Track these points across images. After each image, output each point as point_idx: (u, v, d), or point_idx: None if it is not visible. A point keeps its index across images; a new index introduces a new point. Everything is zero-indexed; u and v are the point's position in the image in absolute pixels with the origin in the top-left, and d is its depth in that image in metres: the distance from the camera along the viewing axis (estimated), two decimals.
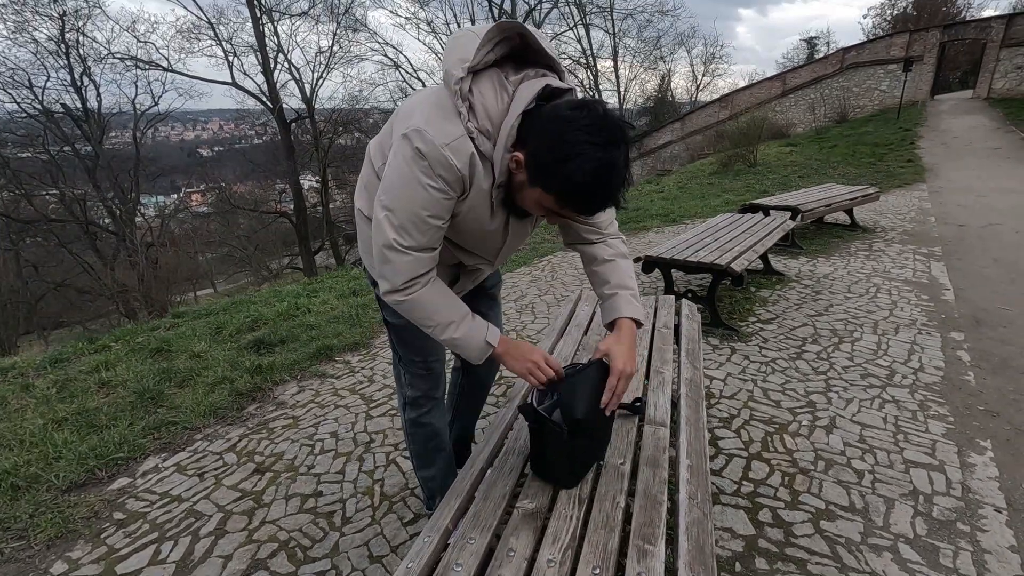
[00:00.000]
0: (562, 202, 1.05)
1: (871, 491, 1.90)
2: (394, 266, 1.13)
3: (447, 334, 1.20)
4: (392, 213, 1.09)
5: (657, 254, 3.50)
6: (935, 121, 15.70)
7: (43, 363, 3.41)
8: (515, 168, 1.07)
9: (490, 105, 1.05)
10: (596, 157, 0.97)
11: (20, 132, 19.26)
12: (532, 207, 1.13)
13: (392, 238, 1.10)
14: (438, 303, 1.20)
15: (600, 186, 1.00)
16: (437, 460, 1.60)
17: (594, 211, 1.08)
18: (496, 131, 1.06)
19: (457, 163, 1.03)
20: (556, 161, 0.99)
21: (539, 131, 1.02)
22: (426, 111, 1.06)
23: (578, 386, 1.24)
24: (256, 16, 19.05)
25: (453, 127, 1.04)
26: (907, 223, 6.01)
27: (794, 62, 35.65)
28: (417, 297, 1.17)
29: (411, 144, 1.03)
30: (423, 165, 1.03)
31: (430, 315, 1.20)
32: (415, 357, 1.48)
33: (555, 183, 1.02)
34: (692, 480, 1.29)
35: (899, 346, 3.03)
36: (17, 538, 1.80)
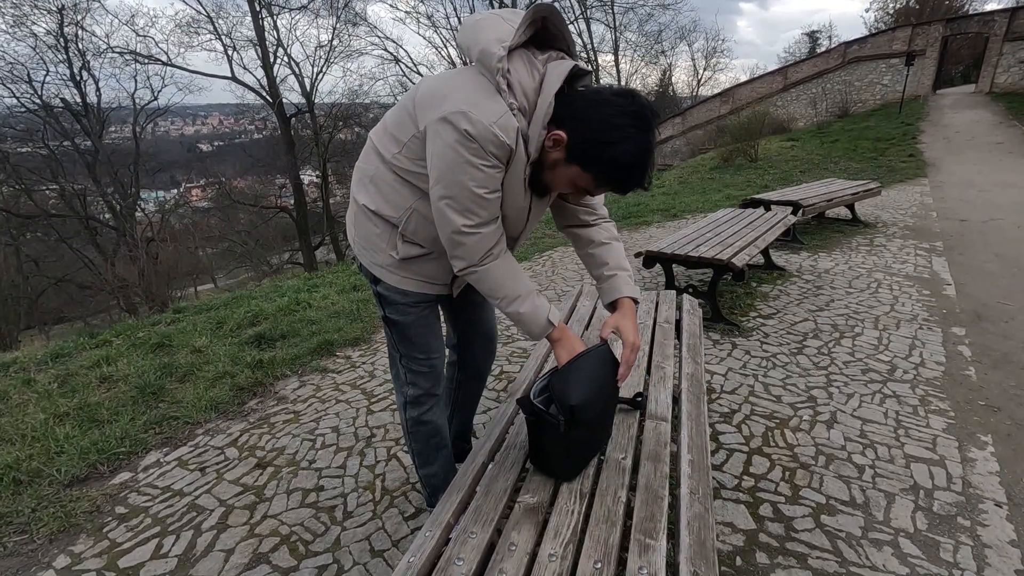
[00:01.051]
0: (601, 181, 1.13)
1: (872, 486, 1.90)
2: (467, 247, 1.17)
3: (513, 307, 1.23)
4: (452, 200, 1.12)
5: (658, 249, 3.49)
6: (937, 116, 15.64)
7: (44, 358, 3.41)
8: (551, 146, 1.11)
9: (525, 82, 1.09)
10: (639, 140, 1.06)
11: (19, 127, 19.20)
12: (562, 184, 1.18)
13: (460, 224, 1.14)
14: (508, 276, 1.24)
15: (640, 168, 1.09)
16: (439, 457, 1.59)
17: (629, 190, 1.15)
18: (531, 108, 1.09)
19: (507, 139, 1.06)
20: (604, 143, 1.06)
21: (583, 112, 1.08)
22: (465, 92, 1.08)
23: (571, 374, 1.24)
24: (255, 10, 18.97)
25: (497, 105, 1.06)
26: (909, 218, 6.00)
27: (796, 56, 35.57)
28: (490, 268, 1.21)
29: (456, 127, 1.05)
30: (473, 147, 1.05)
31: (500, 287, 1.23)
32: (418, 355, 1.47)
33: (599, 163, 1.09)
34: (693, 475, 1.29)
35: (900, 341, 3.03)
36: (19, 532, 1.80)
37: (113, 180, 19.87)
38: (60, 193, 19.25)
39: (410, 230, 1.27)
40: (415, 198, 1.23)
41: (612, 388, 1.33)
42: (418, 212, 1.24)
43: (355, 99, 23.09)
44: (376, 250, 1.32)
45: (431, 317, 1.46)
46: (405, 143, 1.19)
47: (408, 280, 1.35)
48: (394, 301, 1.38)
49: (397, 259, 1.31)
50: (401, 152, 1.20)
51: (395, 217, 1.26)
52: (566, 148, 1.10)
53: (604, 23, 25.45)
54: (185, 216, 24.79)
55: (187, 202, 25.71)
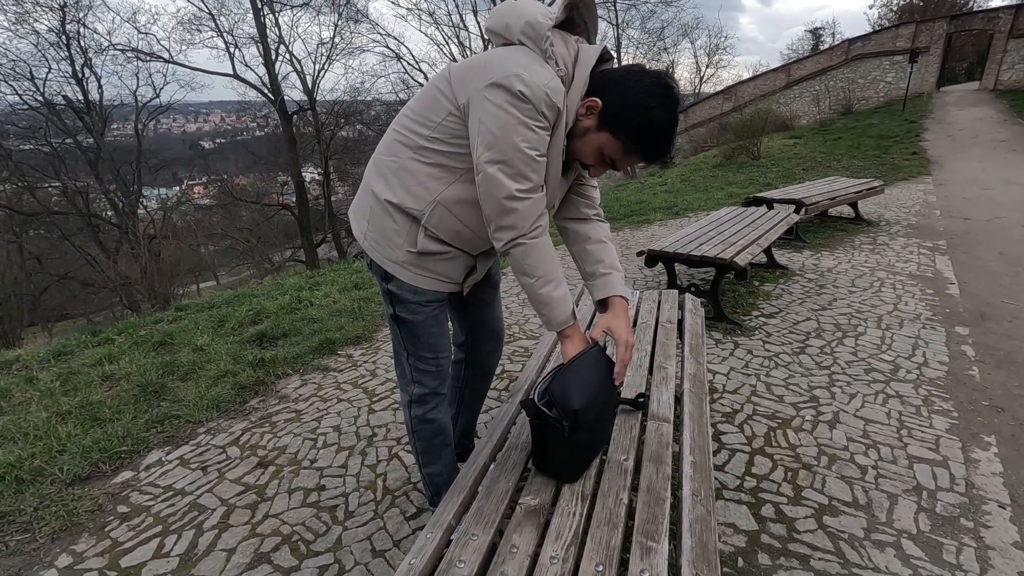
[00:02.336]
0: (631, 147, 1.19)
1: (874, 487, 1.90)
2: (519, 213, 1.17)
3: (547, 289, 1.24)
4: (505, 164, 1.13)
5: (660, 248, 3.48)
6: (941, 113, 15.58)
7: (47, 356, 3.42)
8: (584, 114, 1.18)
9: (563, 55, 1.15)
10: (671, 109, 1.16)
11: (22, 124, 19.24)
12: (589, 153, 1.23)
13: (513, 189, 1.15)
14: (550, 255, 1.25)
15: (668, 135, 1.18)
16: (443, 456, 1.58)
17: (656, 157, 1.20)
18: (570, 80, 1.16)
19: (558, 101, 1.12)
20: (639, 106, 1.14)
21: (619, 84, 1.16)
22: (515, 58, 1.12)
23: (570, 378, 1.24)
24: (257, 7, 18.95)
25: (547, 70, 1.12)
26: (912, 216, 5.98)
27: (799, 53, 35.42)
28: (540, 242, 1.21)
29: (510, 89, 1.09)
30: (526, 108, 1.09)
31: (541, 264, 1.23)
32: (426, 353, 1.45)
33: (631, 127, 1.16)
34: (696, 476, 1.28)
35: (903, 341, 3.02)
36: (22, 531, 1.81)
37: (115, 177, 19.90)
38: (63, 190, 19.28)
39: (433, 223, 1.26)
40: (442, 187, 1.23)
41: (611, 389, 1.33)
42: (442, 206, 1.24)
43: (357, 96, 23.10)
44: (391, 246, 1.30)
45: (441, 316, 1.45)
46: (439, 123, 1.20)
47: (422, 277, 1.33)
48: (405, 299, 1.36)
49: (414, 254, 1.29)
50: (434, 133, 1.21)
51: (418, 211, 1.24)
52: (599, 115, 1.17)
53: (606, 20, 25.31)
54: (187, 213, 24.82)
55: (189, 199, 25.75)
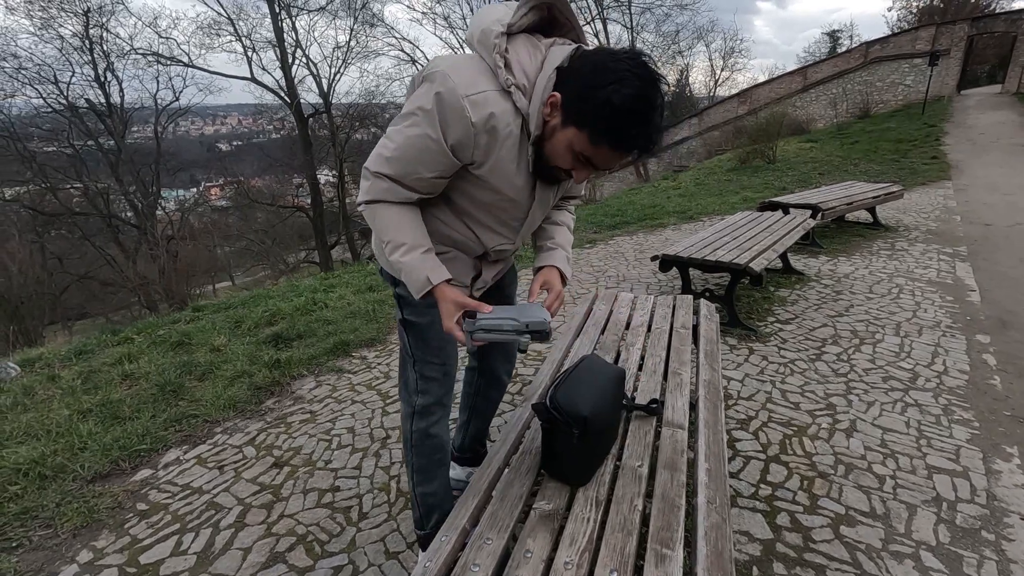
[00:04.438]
0: (596, 136, 1.03)
1: (892, 497, 1.87)
2: (370, 184, 1.16)
3: (396, 255, 1.18)
4: (388, 143, 1.12)
5: (675, 253, 3.47)
6: (961, 117, 15.32)
7: (68, 354, 3.49)
8: (548, 113, 1.07)
9: (525, 62, 1.07)
10: (636, 85, 0.97)
11: (46, 127, 19.69)
12: (562, 155, 1.11)
13: (379, 165, 1.13)
14: (402, 222, 1.18)
15: (639, 116, 0.99)
16: (439, 475, 1.51)
17: (629, 145, 1.04)
18: (532, 87, 1.07)
19: (472, 116, 1.02)
20: (595, 86, 0.99)
21: (578, 70, 1.04)
22: (457, 63, 1.07)
23: (573, 386, 1.24)
24: (275, 11, 19.23)
25: (483, 81, 1.04)
26: (931, 222, 5.88)
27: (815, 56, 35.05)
28: (379, 208, 1.18)
29: (432, 86, 1.04)
30: (430, 111, 1.04)
31: (388, 229, 1.18)
32: (434, 360, 1.41)
33: (591, 110, 1.01)
34: (711, 484, 1.27)
35: (922, 348, 2.97)
36: (44, 526, 1.84)
37: (135, 179, 20.28)
38: (84, 192, 19.69)
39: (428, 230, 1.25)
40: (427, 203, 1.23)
41: (615, 392, 1.35)
42: (429, 212, 1.24)
43: (372, 99, 23.31)
44: None
45: None
46: None
47: None
48: (413, 302, 1.32)
49: None
50: None
51: None
52: (562, 108, 1.06)
53: (621, 23, 25.32)
54: (204, 215, 25.19)
55: (206, 201, 26.13)
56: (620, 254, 5.23)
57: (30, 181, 19.24)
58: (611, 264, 4.89)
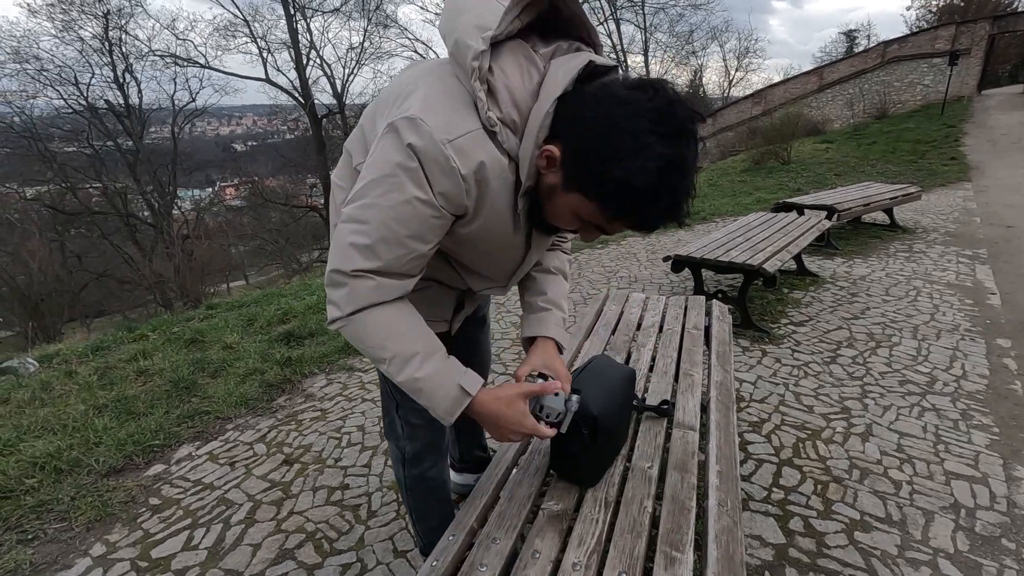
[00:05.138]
0: (612, 213, 0.81)
1: (909, 503, 1.83)
2: (347, 292, 0.86)
3: (408, 371, 0.90)
4: (361, 226, 0.83)
5: (687, 253, 3.44)
6: (982, 117, 15.05)
7: (85, 351, 3.54)
8: (544, 167, 0.83)
9: (516, 87, 0.81)
10: (662, 153, 0.73)
11: (66, 127, 20.08)
12: (565, 219, 0.88)
13: (355, 261, 0.84)
14: (400, 327, 0.90)
15: (668, 193, 0.77)
16: (439, 511, 1.41)
17: (654, 226, 0.82)
18: (523, 122, 0.82)
19: (461, 167, 0.79)
20: (608, 158, 0.75)
21: (583, 117, 0.78)
22: (427, 96, 0.81)
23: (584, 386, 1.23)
24: (290, 13, 19.44)
25: (463, 119, 0.80)
26: (950, 223, 5.78)
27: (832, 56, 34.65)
28: (367, 316, 0.88)
29: (400, 138, 0.79)
30: (412, 168, 0.79)
31: (386, 343, 0.89)
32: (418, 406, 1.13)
33: (605, 188, 0.78)
34: (722, 486, 1.26)
35: (940, 352, 2.91)
36: (59, 520, 1.87)
37: (152, 179, 20.59)
38: (103, 191, 20.04)
39: None
40: None
41: (626, 393, 1.32)
42: None
43: None
44: None
45: None
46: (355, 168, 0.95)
47: None
48: None
49: None
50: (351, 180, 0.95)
51: None
52: (562, 168, 0.81)
53: (634, 24, 25.24)
54: (219, 214, 25.49)
55: (221, 200, 26.45)
56: (632, 254, 5.20)
57: (51, 181, 19.64)
58: (623, 264, 4.86)
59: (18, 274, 13.44)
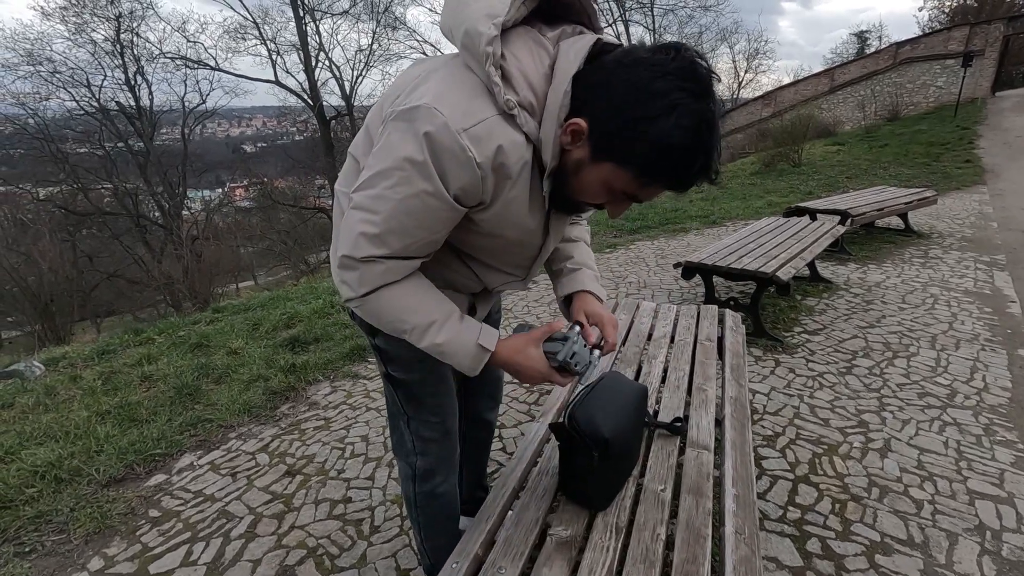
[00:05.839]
0: (648, 175, 0.81)
1: (931, 524, 1.76)
2: (359, 275, 0.89)
3: (428, 339, 0.94)
4: (371, 215, 0.84)
5: (698, 260, 3.37)
6: (996, 119, 14.83)
7: (91, 354, 3.53)
8: (570, 143, 0.82)
9: (529, 71, 0.81)
10: (695, 110, 0.74)
11: (78, 129, 20.27)
12: (593, 193, 0.88)
13: (364, 251, 0.86)
14: (414, 300, 0.94)
15: (703, 150, 0.78)
16: (448, 529, 1.39)
17: (691, 183, 0.82)
18: (540, 104, 0.82)
19: (477, 155, 0.78)
20: (640, 120, 0.75)
21: (609, 83, 0.78)
22: (439, 86, 0.81)
23: (592, 406, 1.18)
24: (299, 15, 19.51)
25: (479, 107, 0.78)
26: (966, 228, 5.66)
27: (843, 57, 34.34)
28: (382, 295, 0.91)
29: (414, 127, 0.78)
30: (420, 162, 0.78)
31: (403, 316, 0.93)
32: (431, 418, 1.22)
33: (639, 151, 0.78)
34: (739, 512, 1.20)
35: (960, 363, 2.83)
36: (58, 531, 1.84)
37: (162, 180, 20.74)
38: (114, 192, 20.20)
39: None
40: None
41: (637, 411, 1.27)
42: None
43: None
44: None
45: (443, 369, 1.18)
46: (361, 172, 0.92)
47: None
48: (398, 355, 1.14)
49: None
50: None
51: None
52: (590, 140, 0.81)
53: (643, 25, 25.09)
54: (228, 215, 25.62)
55: (231, 201, 26.56)
56: (641, 259, 5.14)
57: (63, 182, 19.84)
58: (632, 270, 4.79)
59: (29, 275, 13.55)
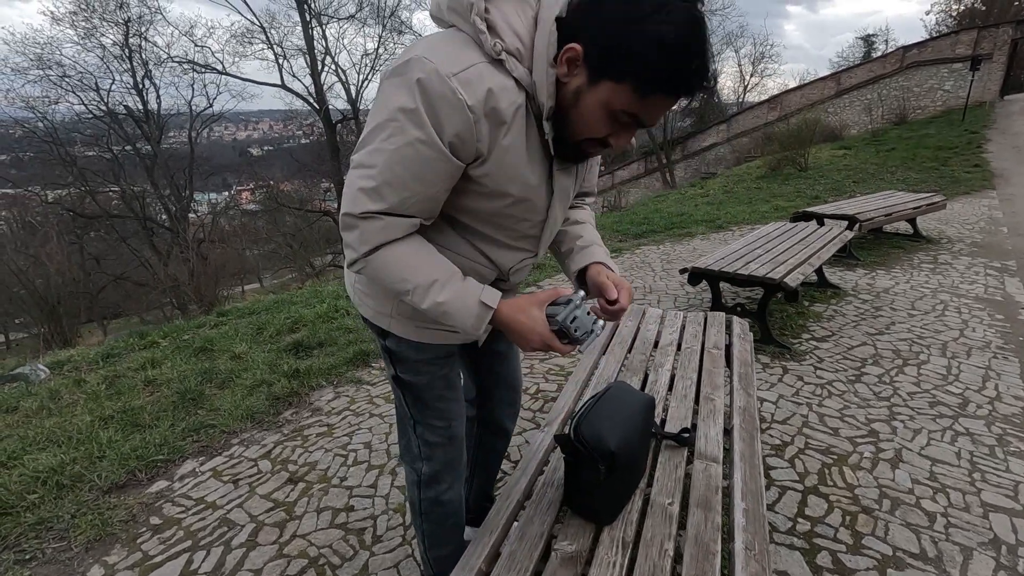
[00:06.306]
0: (646, 85, 0.81)
1: (944, 537, 1.72)
2: (359, 233, 0.90)
3: (431, 298, 0.92)
4: (368, 171, 0.86)
5: (705, 266, 3.34)
6: (1005, 123, 14.72)
7: (96, 357, 3.53)
8: (567, 74, 0.84)
9: (514, 21, 0.85)
10: (683, 7, 0.77)
11: (87, 132, 20.44)
12: (595, 122, 0.87)
13: (363, 203, 0.87)
14: (415, 259, 0.93)
15: (698, 50, 0.78)
16: (453, 539, 1.37)
17: (690, 87, 0.82)
18: (529, 51, 0.85)
19: (468, 98, 0.80)
20: (632, 22, 0.77)
21: (596, 6, 0.81)
22: (431, 42, 0.84)
23: (601, 417, 1.15)
24: (306, 20, 19.61)
25: (468, 55, 0.82)
26: (976, 233, 5.61)
27: (849, 61, 34.19)
28: (383, 255, 0.91)
29: (405, 77, 0.81)
30: (412, 109, 0.80)
31: (405, 275, 0.92)
32: (436, 421, 1.22)
33: (636, 54, 0.78)
34: (749, 527, 1.17)
35: (972, 371, 2.79)
36: (58, 539, 1.82)
37: (170, 183, 20.85)
38: (121, 195, 20.32)
39: None
40: None
41: (644, 423, 1.25)
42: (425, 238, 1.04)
43: None
44: (378, 296, 1.10)
45: (452, 374, 1.22)
46: None
47: (425, 330, 1.11)
48: (407, 358, 1.15)
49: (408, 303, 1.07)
50: None
51: None
52: (586, 62, 0.82)
53: None
54: (234, 218, 25.73)
55: (237, 204, 26.69)
56: (647, 264, 5.11)
57: (71, 184, 19.98)
58: (637, 275, 4.76)
59: (37, 277, 13.64)
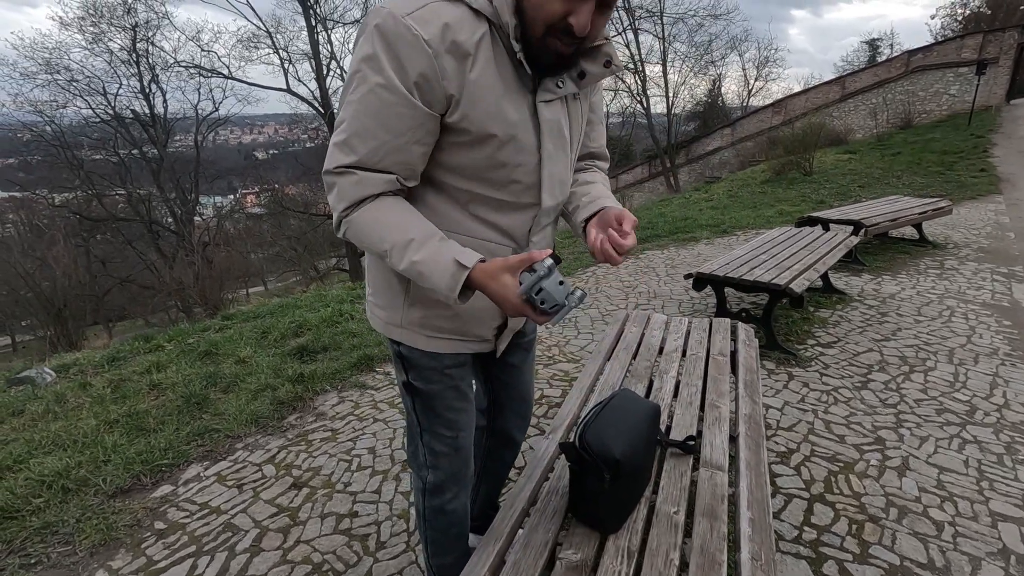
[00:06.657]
0: None
1: (953, 547, 1.71)
2: (337, 191, 0.92)
3: (407, 257, 0.90)
4: (340, 126, 0.90)
5: (710, 271, 3.33)
6: (1011, 127, 14.65)
7: (102, 361, 3.54)
8: None
9: None
10: None
11: (94, 136, 20.62)
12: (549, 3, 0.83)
13: (336, 159, 0.90)
14: (394, 217, 0.92)
15: None
16: (457, 547, 1.36)
17: None
18: None
19: (424, 33, 0.81)
20: None
21: None
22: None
23: (603, 426, 1.15)
24: (311, 25, 19.70)
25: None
26: (983, 239, 5.57)
27: (854, 65, 34.13)
28: (363, 214, 0.92)
29: (366, 28, 0.84)
30: (371, 56, 0.83)
31: (383, 234, 0.91)
32: (444, 431, 1.21)
33: None
34: (755, 536, 1.16)
35: (979, 378, 2.77)
36: (63, 543, 1.83)
37: (175, 186, 21.00)
38: (127, 198, 20.49)
39: None
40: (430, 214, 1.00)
41: (649, 431, 1.24)
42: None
43: None
44: (391, 307, 1.10)
45: (463, 384, 1.20)
46: None
47: (435, 339, 1.10)
48: (419, 364, 1.14)
49: (420, 306, 1.07)
50: None
51: None
52: None
53: (653, 34, 25.03)
54: (239, 221, 25.85)
55: (242, 208, 26.82)
56: (651, 269, 5.10)
57: (78, 188, 20.16)
58: (642, 280, 4.76)
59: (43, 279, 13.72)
